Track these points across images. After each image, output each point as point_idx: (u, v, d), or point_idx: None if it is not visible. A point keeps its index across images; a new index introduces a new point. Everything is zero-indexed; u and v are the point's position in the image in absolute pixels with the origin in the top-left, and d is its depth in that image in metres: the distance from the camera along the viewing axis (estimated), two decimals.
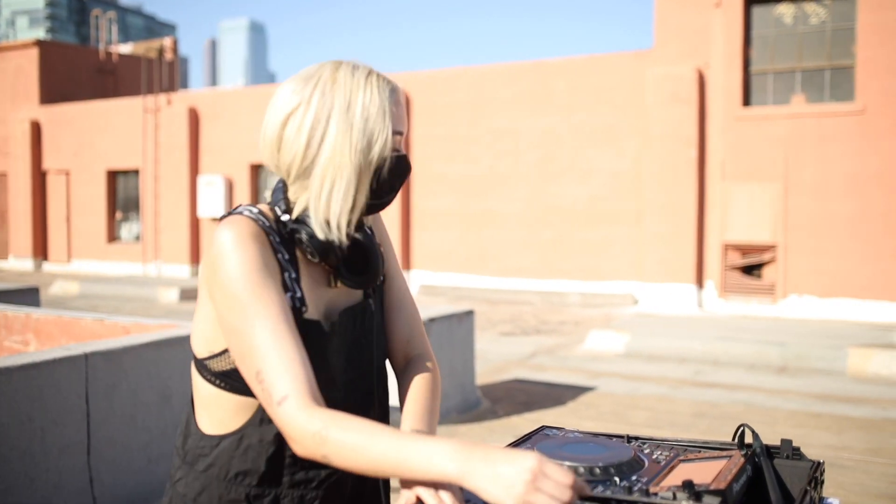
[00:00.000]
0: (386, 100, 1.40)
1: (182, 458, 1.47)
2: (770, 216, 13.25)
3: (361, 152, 1.37)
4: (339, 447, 1.23)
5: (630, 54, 14.58)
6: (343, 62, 1.43)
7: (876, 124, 12.63)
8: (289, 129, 1.39)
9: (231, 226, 1.35)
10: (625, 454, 1.60)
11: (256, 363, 1.29)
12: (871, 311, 12.55)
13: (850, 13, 13.05)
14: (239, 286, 1.31)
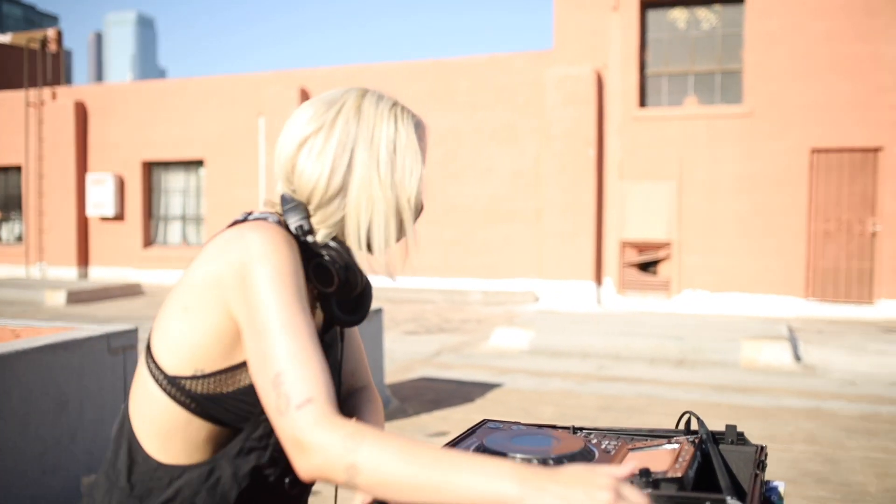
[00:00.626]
0: (413, 134, 1.36)
1: (127, 491, 1.30)
2: (665, 214, 13.68)
3: (391, 187, 1.33)
4: (376, 458, 1.07)
5: (531, 55, 14.78)
6: (368, 90, 1.38)
7: (762, 127, 13.21)
8: (304, 153, 1.33)
9: (263, 230, 1.26)
10: (575, 445, 1.58)
11: (277, 366, 1.16)
12: (758, 305, 13.13)
13: (739, 20, 13.61)
14: (275, 292, 1.20)
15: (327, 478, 1.10)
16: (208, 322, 1.25)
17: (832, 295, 13.04)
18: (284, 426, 1.12)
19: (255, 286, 1.20)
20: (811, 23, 12.94)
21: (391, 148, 1.33)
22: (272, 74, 16.65)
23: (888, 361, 9.03)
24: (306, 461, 1.10)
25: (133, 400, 1.33)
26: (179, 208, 18.27)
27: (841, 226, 12.98)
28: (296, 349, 1.16)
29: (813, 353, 9.35)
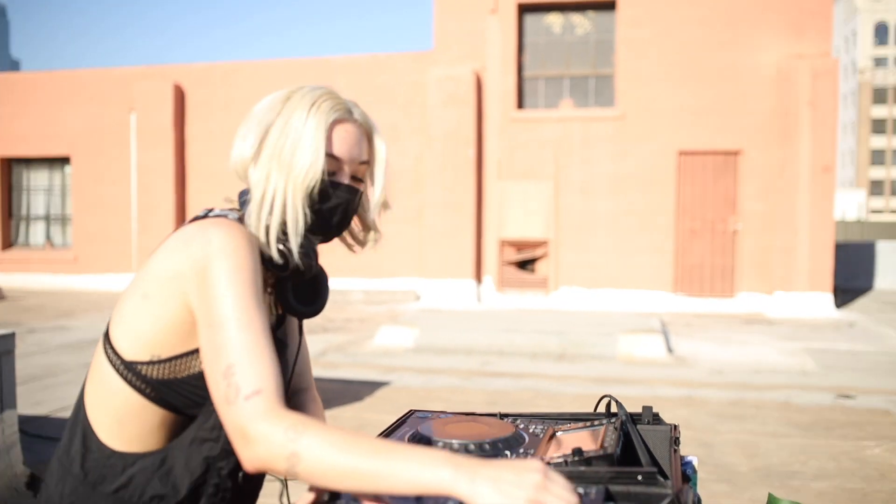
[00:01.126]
0: (322, 123, 1.37)
1: (80, 477, 1.31)
2: (542, 214, 14.07)
3: (286, 168, 1.36)
4: (316, 448, 1.11)
5: (411, 55, 14.88)
6: (314, 87, 1.42)
7: (633, 130, 13.80)
8: (237, 137, 1.41)
9: (225, 227, 1.29)
10: (506, 430, 1.66)
11: (230, 357, 1.19)
12: (631, 300, 13.71)
13: (611, 26, 14.16)
14: (232, 287, 1.23)
15: (269, 467, 1.13)
16: (167, 311, 1.27)
17: (698, 290, 13.77)
18: (231, 415, 1.15)
19: (213, 280, 1.23)
20: (678, 32, 13.62)
21: (296, 131, 1.36)
22: (144, 69, 16.08)
23: (750, 351, 9.63)
24: (250, 450, 1.13)
25: (88, 387, 1.35)
26: (43, 208, 17.36)
27: (706, 224, 13.72)
28: (248, 343, 1.19)
29: (683, 345, 9.86)
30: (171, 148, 15.50)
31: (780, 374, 8.28)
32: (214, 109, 15.64)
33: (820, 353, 9.53)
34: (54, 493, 1.33)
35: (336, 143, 1.40)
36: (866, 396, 7.25)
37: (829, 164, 12.85)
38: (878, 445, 5.52)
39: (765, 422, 6.27)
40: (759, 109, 13.37)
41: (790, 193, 13.00)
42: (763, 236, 13.39)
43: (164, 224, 15.57)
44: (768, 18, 13.33)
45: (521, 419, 1.82)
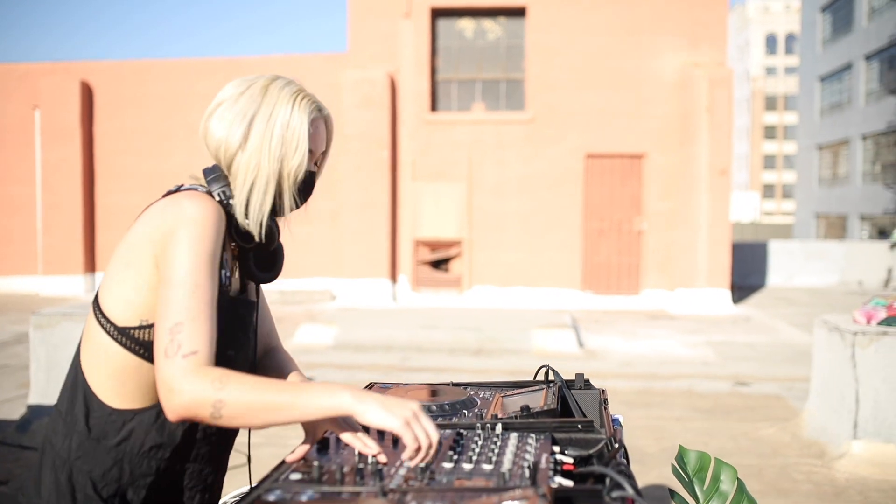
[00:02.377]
0: (306, 119, 1.55)
1: (85, 433, 1.48)
2: (456, 214, 14.38)
3: (278, 160, 1.53)
4: (239, 394, 1.32)
5: (326, 56, 14.96)
6: (280, 76, 1.58)
7: (542, 132, 14.25)
8: (213, 119, 1.54)
9: (196, 198, 1.45)
10: (461, 395, 1.90)
11: (179, 316, 1.36)
12: (542, 298, 14.16)
13: (521, 32, 14.59)
14: (193, 253, 1.40)
15: (193, 415, 1.33)
16: (145, 276, 1.45)
17: (605, 287, 14.32)
18: (166, 367, 1.34)
19: (176, 245, 1.41)
20: (585, 39, 14.14)
21: (284, 125, 1.54)
22: (50, 65, 15.65)
23: (656, 344, 10.15)
24: (174, 401, 1.33)
25: (85, 354, 1.51)
26: None
27: (612, 224, 14.29)
28: (196, 307, 1.38)
29: (593, 340, 10.31)
30: (78, 146, 15.15)
31: (683, 365, 8.79)
32: (125, 107, 15.36)
33: (719, 346, 10.13)
34: (62, 449, 1.49)
35: (314, 138, 1.60)
36: (761, 384, 7.79)
37: (725, 168, 13.58)
38: (771, 426, 5.99)
39: (670, 408, 6.70)
40: (661, 115, 14.02)
41: (690, 195, 13.68)
42: (665, 235, 14.04)
43: (71, 224, 15.20)
44: (669, 28, 13.99)
45: (471, 387, 2.07)
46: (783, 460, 5.16)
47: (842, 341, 5.18)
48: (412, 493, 1.24)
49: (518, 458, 1.43)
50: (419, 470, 1.35)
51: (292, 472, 1.40)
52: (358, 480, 1.35)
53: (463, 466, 1.40)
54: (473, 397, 1.92)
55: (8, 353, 9.34)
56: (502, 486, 1.26)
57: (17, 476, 4.84)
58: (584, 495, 1.24)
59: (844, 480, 4.75)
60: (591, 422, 1.64)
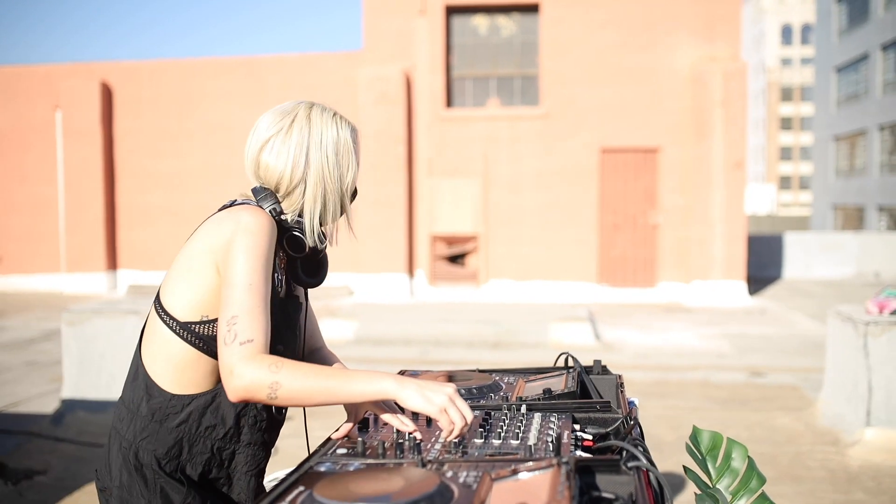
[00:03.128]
0: (349, 136, 1.76)
1: (148, 417, 1.65)
2: (472, 209, 14.52)
3: (339, 179, 1.72)
4: (293, 378, 1.49)
5: (341, 55, 15.11)
6: (314, 103, 1.77)
7: (557, 127, 14.35)
8: (265, 153, 1.72)
9: (252, 211, 1.63)
10: (487, 380, 2.05)
11: (235, 310, 1.53)
12: (558, 291, 14.27)
13: (535, 28, 14.69)
14: (249, 257, 1.57)
15: (251, 396, 1.51)
16: (207, 280, 1.63)
17: (621, 280, 14.42)
18: (226, 354, 1.51)
19: (236, 251, 1.59)
20: (599, 34, 14.22)
21: (334, 149, 1.73)
22: (70, 67, 15.89)
23: (671, 336, 10.25)
24: (235, 383, 1.50)
25: (146, 346, 1.70)
26: None
27: (627, 218, 14.38)
28: (251, 303, 1.55)
29: (609, 332, 10.42)
30: (99, 146, 15.38)
31: (699, 357, 8.89)
32: (143, 107, 15.58)
33: (735, 337, 10.22)
34: (128, 433, 1.67)
35: (358, 152, 1.80)
36: (776, 374, 7.89)
37: (740, 161, 13.64)
38: (785, 416, 6.10)
39: (686, 398, 6.82)
40: (675, 109, 14.08)
41: (705, 188, 13.74)
42: (681, 229, 14.12)
43: (93, 223, 15.45)
44: (683, 23, 14.05)
45: (496, 373, 2.21)
46: (797, 448, 5.27)
47: (854, 331, 5.28)
48: (448, 464, 1.38)
49: (542, 435, 1.57)
50: (453, 445, 1.49)
51: (338, 447, 1.55)
52: (398, 454, 1.49)
53: (492, 442, 1.54)
54: (499, 382, 2.05)
55: (37, 349, 9.56)
56: (529, 457, 1.40)
57: (54, 466, 5.03)
58: (604, 465, 1.38)
59: (857, 467, 4.85)
60: (608, 402, 1.78)
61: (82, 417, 5.87)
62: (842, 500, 4.34)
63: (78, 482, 4.73)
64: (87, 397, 5.95)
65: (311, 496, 1.23)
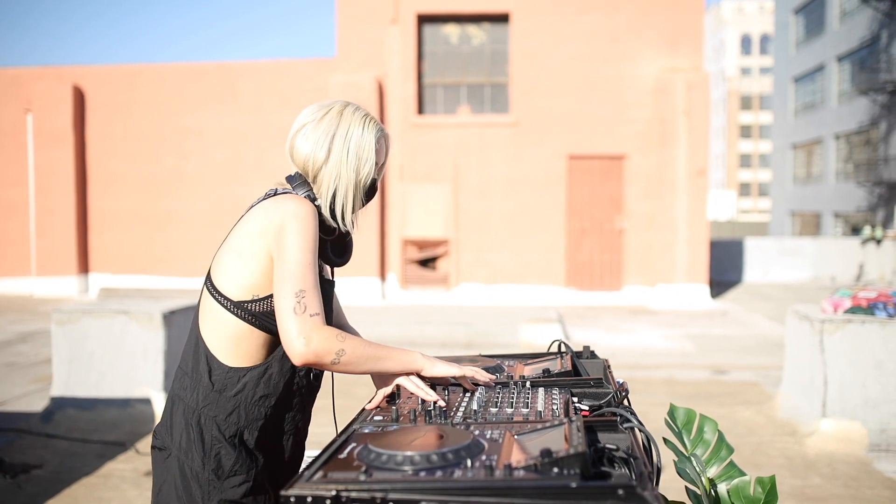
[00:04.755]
0: (373, 138, 1.97)
1: (209, 387, 1.87)
2: (443, 214, 14.79)
3: (354, 171, 1.94)
4: (354, 346, 1.76)
5: (315, 62, 15.31)
6: (350, 103, 1.99)
7: (526, 135, 14.70)
8: (298, 139, 1.95)
9: (296, 199, 1.86)
10: (492, 363, 2.31)
11: (301, 285, 1.75)
12: (527, 294, 14.59)
13: (505, 37, 15.03)
14: (302, 239, 1.80)
15: (317, 361, 1.73)
16: (258, 262, 1.85)
17: (588, 284, 14.79)
18: (299, 322, 1.72)
19: (289, 233, 1.81)
20: (567, 44, 14.60)
21: (356, 143, 1.95)
22: (41, 70, 15.89)
23: (637, 337, 10.61)
24: (307, 348, 1.70)
25: (203, 323, 1.91)
26: None
27: (594, 223, 14.76)
28: (312, 279, 1.78)
29: (578, 334, 10.75)
30: (70, 149, 15.41)
31: (664, 356, 9.25)
32: (116, 111, 15.62)
33: (698, 338, 10.61)
34: (192, 401, 1.88)
35: (379, 153, 2.01)
36: (738, 372, 8.26)
37: (702, 168, 14.09)
38: (747, 409, 6.45)
39: (653, 395, 7.14)
40: (640, 118, 14.50)
41: (669, 195, 14.17)
42: (646, 234, 14.53)
43: (65, 226, 15.46)
44: (647, 35, 14.48)
45: (498, 357, 2.48)
46: (759, 439, 5.61)
47: (811, 329, 5.64)
48: (474, 425, 1.65)
49: (548, 405, 1.84)
50: (473, 412, 1.76)
51: (375, 415, 1.81)
52: (428, 419, 1.75)
53: (505, 410, 1.80)
54: (501, 365, 2.32)
55: (14, 351, 9.63)
56: (541, 419, 1.67)
57: (49, 461, 5.19)
58: (603, 425, 1.65)
59: (814, 455, 5.20)
60: (600, 379, 2.06)
61: (72, 415, 6.02)
62: (800, 486, 4.67)
63: (74, 475, 4.89)
64: (77, 395, 6.10)
65: (367, 447, 1.48)
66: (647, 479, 1.36)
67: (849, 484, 4.69)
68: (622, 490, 1.24)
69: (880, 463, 5.06)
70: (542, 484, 1.27)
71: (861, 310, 5.55)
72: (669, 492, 2.82)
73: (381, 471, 1.37)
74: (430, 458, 1.40)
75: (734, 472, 2.22)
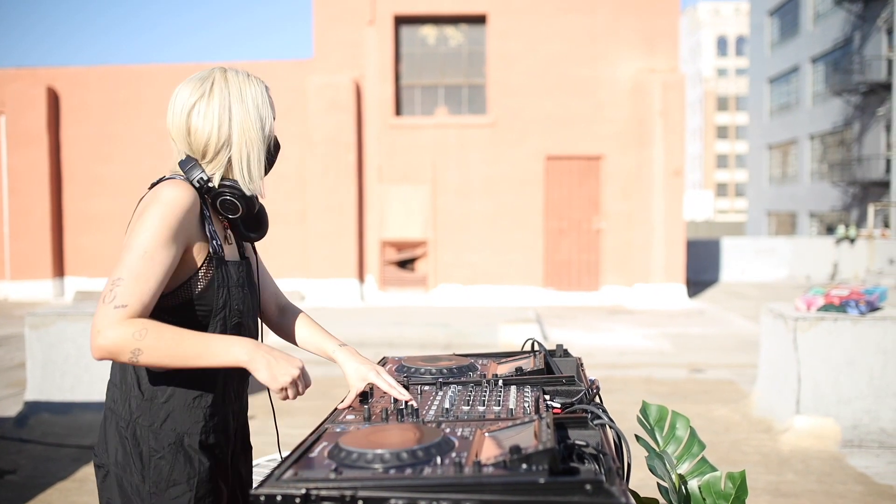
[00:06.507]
0: (263, 91, 1.91)
1: (139, 397, 1.78)
2: (421, 215, 14.80)
3: (260, 130, 1.87)
4: (154, 346, 1.60)
5: (292, 63, 15.26)
6: (227, 67, 1.92)
7: (504, 135, 14.73)
8: (194, 118, 1.84)
9: (174, 185, 1.77)
10: (464, 362, 2.32)
11: (122, 273, 1.65)
12: (505, 295, 14.63)
13: (482, 39, 15.06)
14: (152, 226, 1.69)
15: (115, 356, 1.61)
16: None
17: (566, 284, 14.84)
18: (99, 313, 1.61)
19: (143, 218, 1.70)
20: (544, 46, 14.65)
21: (256, 102, 1.87)
22: (14, 71, 15.73)
23: (615, 336, 10.66)
24: (98, 342, 1.59)
25: None
26: None
27: (572, 224, 14.82)
28: (140, 268, 1.65)
29: (556, 333, 10.79)
30: (45, 151, 15.26)
31: (641, 355, 9.30)
32: (91, 113, 15.49)
33: (675, 337, 10.68)
34: (124, 413, 1.80)
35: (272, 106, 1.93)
36: (715, 370, 8.33)
37: (679, 168, 14.18)
38: (723, 407, 6.51)
39: (631, 393, 7.18)
40: (617, 118, 14.58)
41: (646, 195, 14.26)
42: (623, 234, 14.60)
43: (39, 229, 15.30)
44: (624, 36, 14.57)
45: (471, 356, 2.48)
46: (734, 436, 5.66)
47: (785, 326, 5.70)
48: (445, 423, 1.65)
49: (519, 402, 1.85)
50: (444, 410, 1.76)
51: (347, 414, 1.81)
52: (400, 418, 1.76)
53: (477, 409, 1.81)
54: (474, 363, 2.33)
55: None
56: (512, 417, 1.68)
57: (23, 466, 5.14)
58: (574, 421, 1.66)
59: (788, 451, 5.26)
60: (572, 377, 2.07)
61: (47, 419, 5.97)
62: (775, 481, 4.72)
63: (49, 480, 4.85)
64: (52, 399, 6.05)
65: (338, 445, 1.49)
66: (615, 474, 1.38)
67: (822, 479, 4.74)
68: (590, 485, 1.26)
69: (853, 458, 5.12)
70: (511, 480, 1.28)
71: (833, 307, 5.62)
72: (644, 489, 2.85)
73: (352, 469, 1.38)
74: (399, 455, 1.40)
75: (706, 467, 2.24)
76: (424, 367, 2.22)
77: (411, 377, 2.17)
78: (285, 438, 2.07)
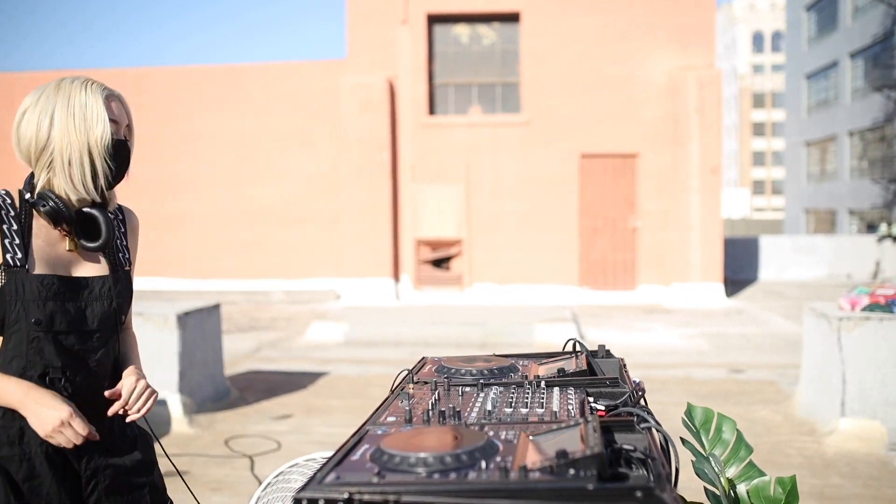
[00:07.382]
0: (100, 98, 1.87)
1: None
2: (455, 214, 14.77)
3: (85, 133, 1.83)
4: None
5: (325, 63, 15.31)
6: (73, 77, 1.89)
7: (538, 134, 14.65)
8: (21, 125, 1.85)
9: None
10: (505, 363, 2.28)
11: None
12: (540, 294, 14.55)
13: (515, 37, 14.99)
14: None
15: None
16: None
17: (601, 283, 14.73)
18: None
19: None
20: (578, 44, 14.55)
21: (82, 106, 1.83)
22: (43, 75, 15.96)
23: (652, 336, 10.55)
24: None
25: None
26: None
27: (607, 222, 14.70)
28: None
29: (593, 333, 10.71)
30: None
31: (680, 355, 9.19)
32: None
33: (714, 337, 10.53)
34: None
35: (111, 110, 1.90)
36: (755, 370, 8.20)
37: (715, 166, 14.00)
38: (764, 408, 6.39)
39: (669, 394, 7.09)
40: (652, 116, 14.43)
41: (683, 193, 14.10)
42: (659, 233, 14.45)
43: None
44: (659, 33, 14.41)
45: (512, 357, 2.45)
46: (776, 438, 5.55)
47: (829, 327, 5.58)
48: (488, 426, 1.62)
49: (563, 405, 1.81)
50: (487, 412, 1.73)
51: (388, 416, 1.78)
52: (441, 420, 1.72)
53: (520, 411, 1.77)
54: (515, 364, 2.29)
55: None
56: (556, 420, 1.64)
57: None
58: (620, 425, 1.62)
59: (833, 454, 5.14)
60: (616, 378, 2.02)
61: None
62: (819, 485, 4.62)
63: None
64: None
65: (380, 448, 1.46)
66: (665, 480, 1.33)
67: (869, 483, 4.63)
68: (640, 492, 1.21)
69: None
70: (559, 485, 1.24)
71: (879, 307, 5.49)
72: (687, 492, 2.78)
73: (394, 473, 1.35)
74: (443, 459, 1.37)
75: (753, 472, 2.18)
76: (465, 368, 2.18)
77: (452, 378, 2.13)
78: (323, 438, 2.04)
